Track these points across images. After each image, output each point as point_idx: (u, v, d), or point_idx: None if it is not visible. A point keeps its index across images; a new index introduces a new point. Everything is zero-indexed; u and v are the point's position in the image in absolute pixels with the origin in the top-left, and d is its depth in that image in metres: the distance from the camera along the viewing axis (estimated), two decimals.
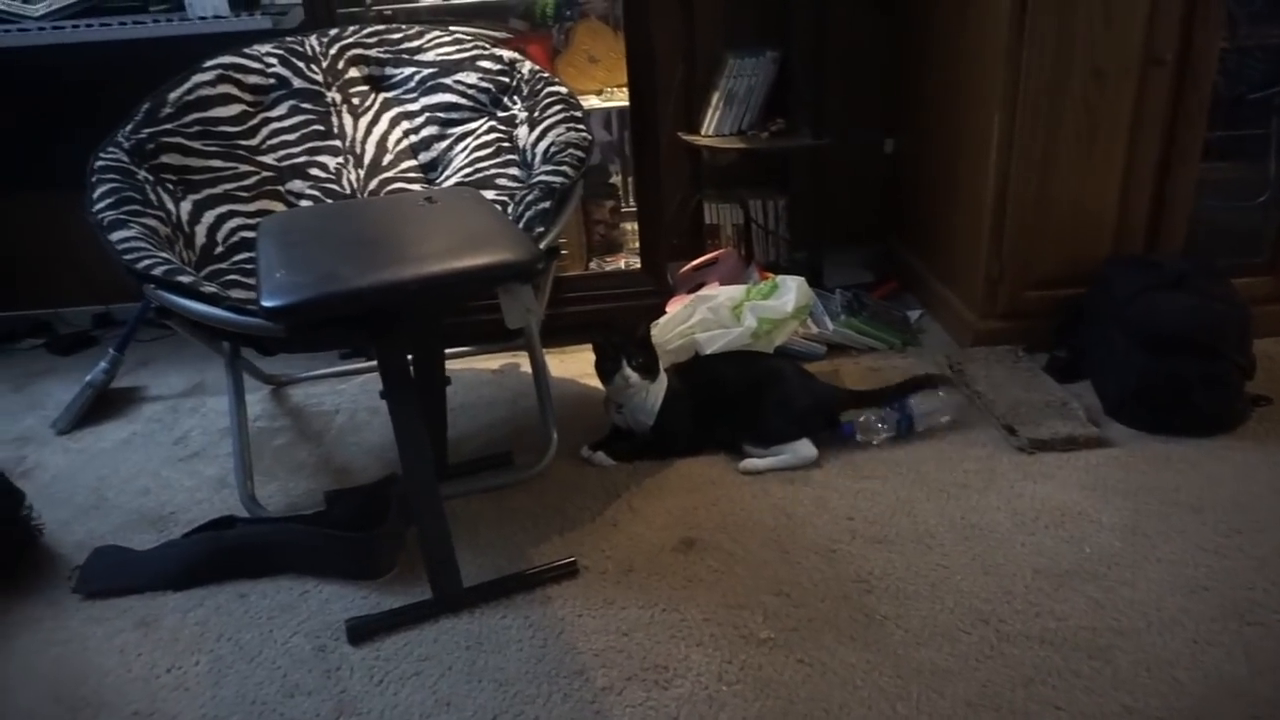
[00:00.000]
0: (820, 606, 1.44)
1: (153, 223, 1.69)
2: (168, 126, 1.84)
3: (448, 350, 1.95)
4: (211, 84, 1.92)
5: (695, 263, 2.51)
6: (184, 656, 1.43)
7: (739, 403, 1.84)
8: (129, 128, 1.81)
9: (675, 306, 2.23)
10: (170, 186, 1.81)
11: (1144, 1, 1.88)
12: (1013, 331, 2.16)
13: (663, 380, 1.83)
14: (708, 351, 2.00)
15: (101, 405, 2.24)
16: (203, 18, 2.15)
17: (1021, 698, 1.25)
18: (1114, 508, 1.63)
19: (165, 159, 1.82)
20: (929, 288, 2.44)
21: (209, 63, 1.94)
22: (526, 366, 2.15)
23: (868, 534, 1.60)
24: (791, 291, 2.08)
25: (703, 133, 2.52)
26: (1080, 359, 2.05)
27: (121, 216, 1.64)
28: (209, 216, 1.83)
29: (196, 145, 1.87)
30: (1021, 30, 1.89)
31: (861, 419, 1.86)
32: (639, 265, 2.41)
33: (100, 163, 1.74)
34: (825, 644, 1.37)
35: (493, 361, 2.34)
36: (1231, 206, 2.21)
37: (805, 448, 1.79)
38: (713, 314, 2.06)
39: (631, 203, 2.50)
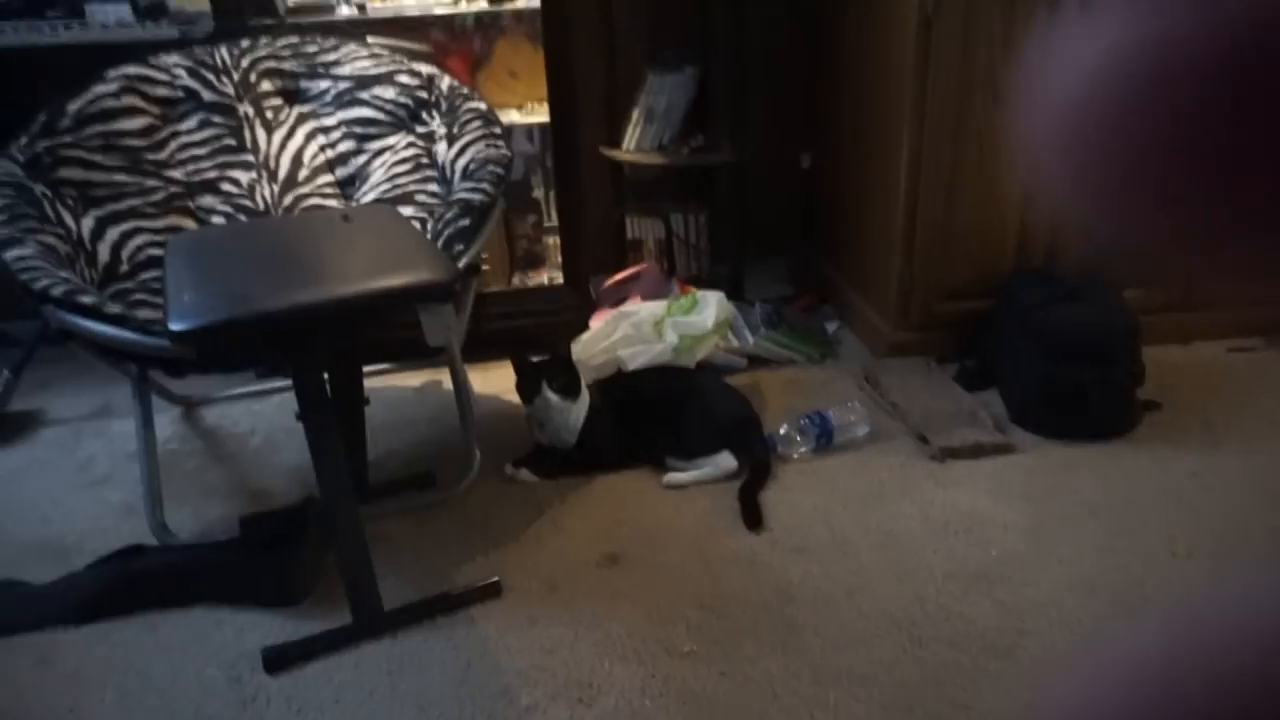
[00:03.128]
0: (741, 617, 1.47)
1: (51, 240, 1.63)
2: (67, 139, 1.77)
3: (367, 368, 1.93)
4: (115, 95, 1.85)
5: (618, 277, 2.52)
6: (87, 694, 1.37)
7: (661, 417, 1.86)
8: (24, 140, 1.74)
9: (598, 321, 2.24)
10: (70, 202, 1.74)
11: (1039, 24, 1.98)
12: (925, 342, 2.24)
13: (585, 398, 1.84)
14: (630, 368, 2.02)
15: None
16: (105, 26, 2.08)
17: (933, 698, 1.30)
18: (1018, 511, 1.70)
19: (64, 173, 1.75)
20: (846, 300, 2.51)
21: (112, 73, 1.87)
22: (448, 383, 2.13)
23: (788, 544, 1.64)
24: (711, 307, 2.11)
25: (624, 148, 2.55)
26: (988, 368, 2.14)
27: (16, 234, 1.57)
28: (113, 233, 1.77)
29: (99, 159, 1.80)
30: (927, 53, 1.97)
31: (782, 431, 1.90)
32: (562, 280, 2.41)
33: None
34: (746, 654, 1.39)
35: (414, 379, 2.31)
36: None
37: (726, 460, 1.82)
38: (634, 330, 2.08)
39: (554, 217, 2.51)
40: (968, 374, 2.15)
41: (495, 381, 2.22)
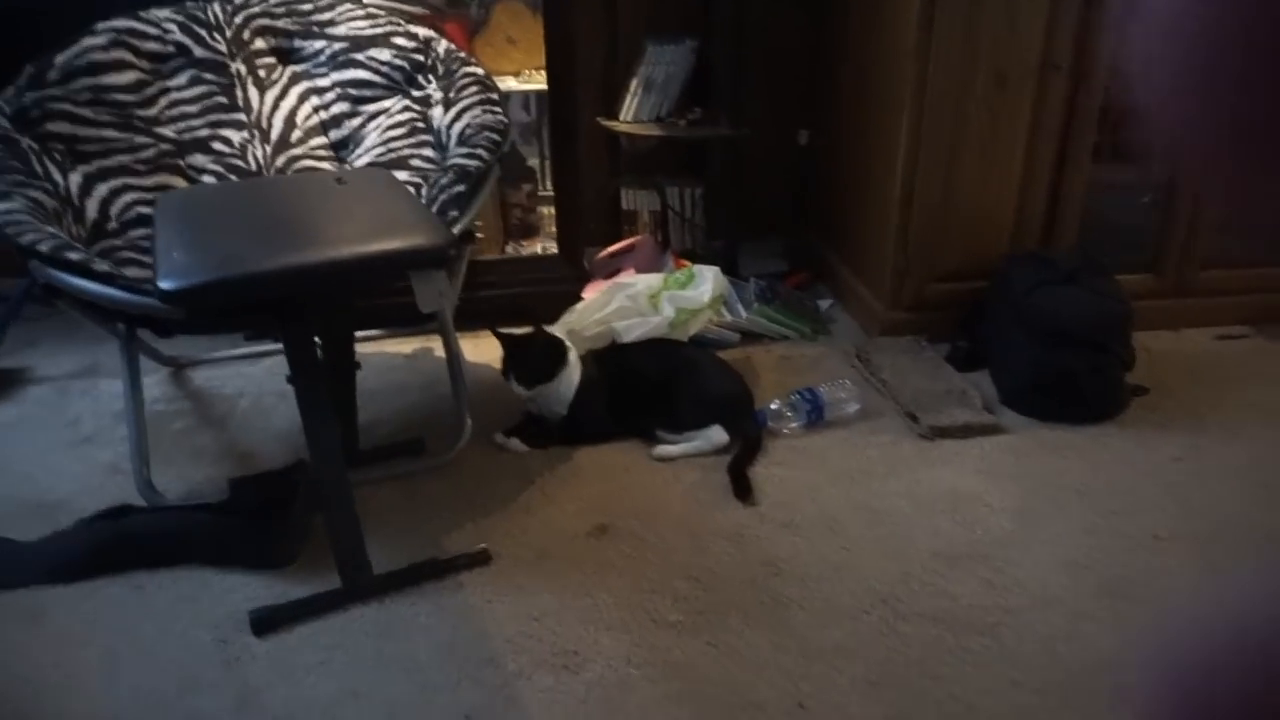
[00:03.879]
0: (728, 590, 1.48)
1: (38, 195, 1.60)
2: (55, 92, 1.74)
3: (358, 333, 1.91)
4: (104, 49, 1.82)
5: (612, 249, 2.51)
6: (73, 652, 1.37)
7: (654, 389, 1.86)
8: (11, 93, 1.70)
9: (591, 292, 2.23)
10: (58, 157, 1.72)
11: (1043, 9, 1.96)
12: (918, 322, 2.24)
13: (575, 369, 1.84)
14: (626, 340, 2.01)
15: None
16: None
17: (916, 674, 1.32)
18: (1005, 491, 1.72)
19: (52, 127, 1.72)
20: (840, 278, 2.51)
21: (101, 25, 1.83)
22: (440, 351, 2.12)
23: (776, 518, 1.65)
24: (708, 282, 2.10)
25: (621, 119, 2.52)
26: (980, 350, 2.14)
27: (3, 188, 1.54)
28: (101, 189, 1.74)
29: (87, 113, 1.77)
30: (930, 32, 1.95)
31: (774, 407, 1.90)
32: (556, 250, 2.40)
33: None
34: (733, 626, 1.40)
35: (405, 345, 2.30)
36: (1119, 205, 2.34)
37: (717, 434, 1.82)
38: (631, 302, 2.07)
39: (549, 186, 2.49)
40: (959, 355, 2.15)
41: (487, 350, 2.21)
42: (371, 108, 1.95)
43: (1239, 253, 2.25)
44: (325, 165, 1.93)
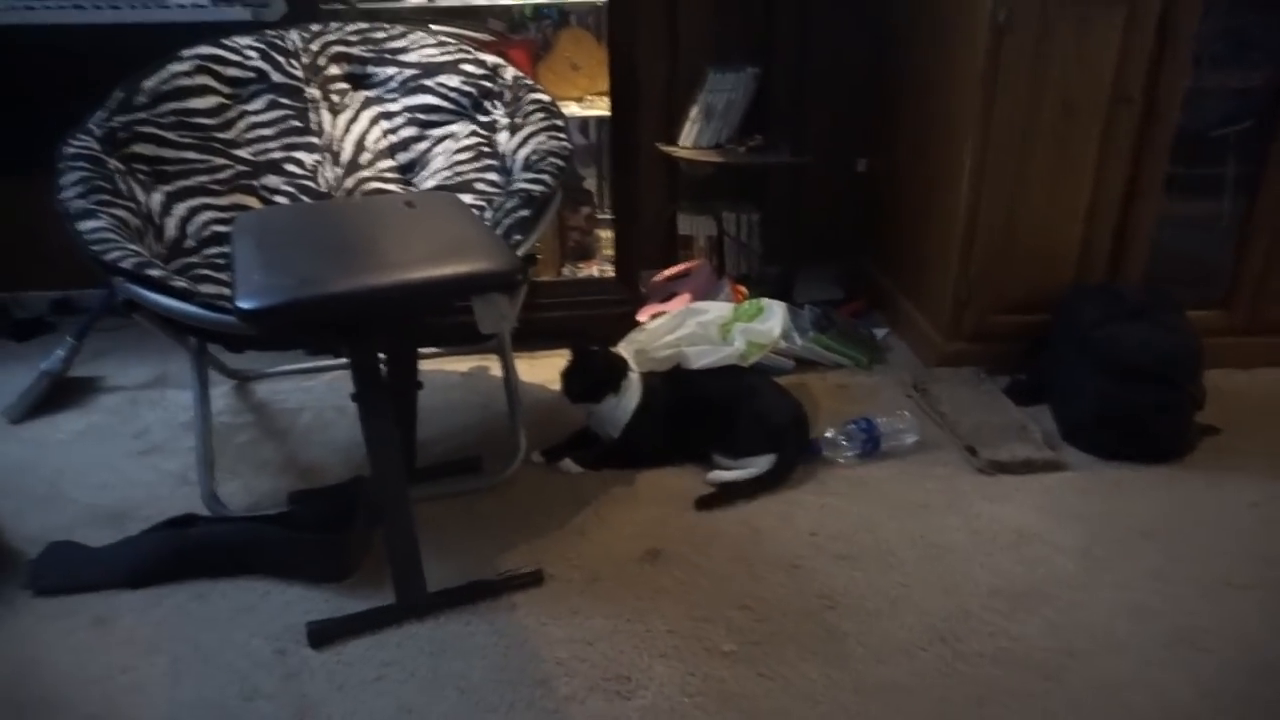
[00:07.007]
0: (783, 621, 1.46)
1: (122, 213, 1.66)
2: (142, 115, 1.81)
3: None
4: (189, 74, 1.89)
5: (668, 273, 2.52)
6: (141, 657, 1.41)
7: (713, 414, 1.85)
8: (101, 115, 1.78)
9: (645, 315, 2.24)
10: (142, 177, 1.78)
11: (1115, 41, 1.94)
12: (977, 354, 2.20)
13: (636, 390, 1.84)
14: (696, 366, 1.99)
15: (57, 394, 2.19)
16: (181, 6, 2.12)
17: (976, 717, 1.28)
18: (1068, 531, 1.67)
19: (138, 148, 1.79)
20: (897, 307, 2.48)
21: (187, 52, 1.91)
22: (496, 370, 2.14)
23: (831, 550, 1.63)
24: (777, 316, 2.12)
25: (681, 145, 2.54)
26: (1040, 383, 2.10)
27: (90, 206, 1.61)
28: (180, 209, 1.81)
29: (171, 136, 1.84)
30: (997, 62, 1.94)
31: (829, 436, 1.89)
32: (612, 273, 2.42)
33: (70, 150, 1.70)
34: (787, 658, 1.39)
35: (462, 364, 2.33)
36: (1188, 240, 2.29)
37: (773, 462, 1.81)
38: (701, 329, 2.08)
39: (607, 209, 2.51)
40: (1019, 388, 2.11)
41: (542, 371, 2.23)
42: (439, 132, 2.00)
43: None
44: (392, 187, 1.98)
